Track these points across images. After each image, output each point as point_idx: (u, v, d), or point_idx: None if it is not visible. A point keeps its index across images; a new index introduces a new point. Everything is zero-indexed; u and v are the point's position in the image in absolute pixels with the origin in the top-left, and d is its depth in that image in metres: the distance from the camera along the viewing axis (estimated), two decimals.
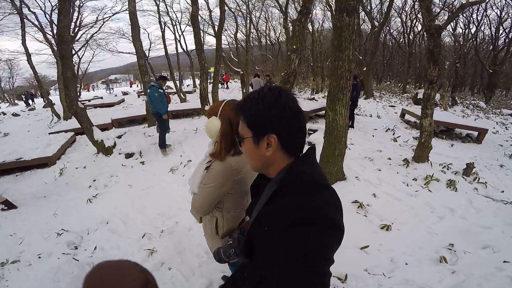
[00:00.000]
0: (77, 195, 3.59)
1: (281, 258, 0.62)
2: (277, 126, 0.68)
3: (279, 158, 0.72)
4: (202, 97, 7.33)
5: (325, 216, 0.63)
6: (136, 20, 5.42)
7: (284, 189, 0.69)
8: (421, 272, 2.32)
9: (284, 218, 0.64)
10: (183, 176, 3.87)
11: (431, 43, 3.92)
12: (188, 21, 15.62)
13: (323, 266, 0.60)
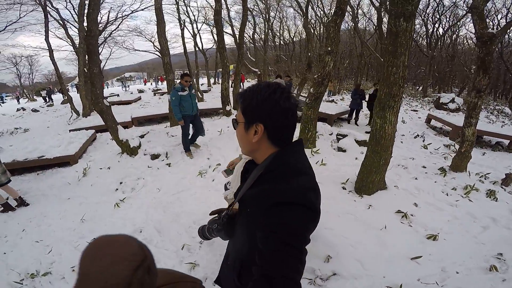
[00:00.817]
0: (103, 198, 3.49)
1: (261, 237, 0.69)
2: (265, 118, 0.75)
3: (265, 146, 0.79)
4: (224, 97, 7.21)
5: (302, 198, 0.69)
6: (162, 16, 5.30)
7: (268, 174, 0.77)
8: (472, 281, 2.27)
9: (265, 200, 0.71)
10: (212, 181, 3.73)
11: (483, 51, 3.70)
12: (205, 20, 15.82)
13: (300, 243, 0.66)
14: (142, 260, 0.21)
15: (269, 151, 0.79)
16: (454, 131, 7.24)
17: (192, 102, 4.36)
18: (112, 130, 4.74)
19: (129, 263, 0.20)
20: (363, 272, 2.22)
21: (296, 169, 0.76)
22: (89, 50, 4.37)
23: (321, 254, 2.32)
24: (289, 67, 18.99)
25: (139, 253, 0.21)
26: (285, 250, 0.63)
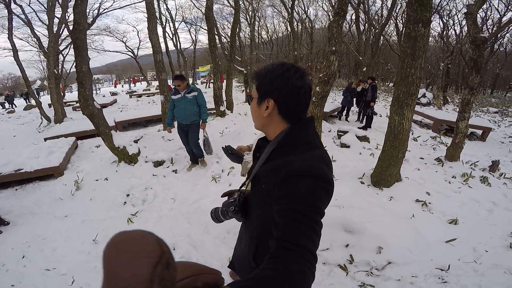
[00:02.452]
0: (111, 214, 3.14)
1: (276, 210, 0.71)
2: (276, 95, 0.78)
3: (276, 121, 0.82)
4: (217, 97, 6.99)
5: (313, 169, 0.71)
6: (153, 12, 4.93)
7: (281, 149, 0.80)
8: (501, 257, 2.47)
9: (278, 174, 0.74)
10: (229, 185, 3.56)
11: (476, 53, 4.04)
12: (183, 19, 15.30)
13: (314, 213, 0.67)
14: (160, 256, 0.20)
15: (280, 127, 0.82)
16: (436, 124, 7.79)
17: (184, 108, 3.73)
18: (105, 136, 4.33)
19: (148, 260, 0.20)
20: (412, 258, 2.32)
21: (308, 143, 0.79)
22: (77, 45, 3.90)
23: (371, 247, 2.38)
24: None
25: (157, 249, 0.21)
26: (300, 221, 0.64)
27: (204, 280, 0.27)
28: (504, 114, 13.95)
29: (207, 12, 5.92)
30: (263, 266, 0.59)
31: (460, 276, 2.16)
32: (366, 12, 12.78)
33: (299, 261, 0.59)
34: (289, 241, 0.63)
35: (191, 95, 3.74)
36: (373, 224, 2.54)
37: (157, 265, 0.20)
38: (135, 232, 0.22)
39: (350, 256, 2.27)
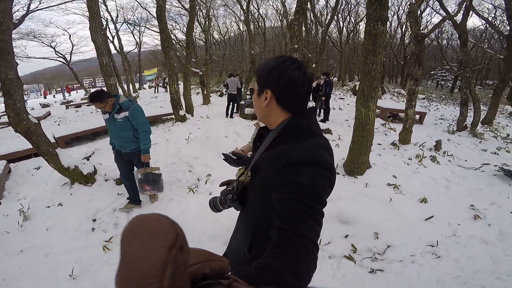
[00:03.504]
0: (79, 243, 2.63)
1: (276, 199, 0.70)
2: (272, 85, 0.80)
3: (276, 111, 0.83)
4: (175, 101, 6.54)
5: (315, 157, 0.71)
6: (97, 10, 4.31)
7: (282, 137, 0.80)
8: (473, 228, 2.79)
9: (279, 161, 0.73)
10: (210, 194, 3.32)
11: (418, 48, 4.53)
12: (125, 20, 13.98)
13: (316, 203, 0.66)
14: (175, 239, 0.21)
15: (281, 117, 0.83)
16: (383, 112, 8.60)
17: (115, 133, 2.80)
18: (50, 156, 3.63)
19: (162, 243, 0.20)
20: (406, 238, 2.48)
21: (309, 132, 0.79)
22: None
23: (368, 234, 2.49)
24: (223, 67, 18.97)
25: (172, 232, 0.21)
26: (303, 210, 0.64)
27: (212, 267, 0.27)
28: (430, 100, 16.22)
29: (159, 12, 5.47)
30: (266, 255, 0.59)
31: (448, 249, 2.38)
32: (313, 11, 13.52)
33: (301, 251, 0.59)
34: (292, 230, 0.62)
35: (121, 116, 2.70)
36: (365, 212, 2.64)
37: (172, 247, 0.20)
38: (151, 216, 0.22)
39: (352, 245, 2.32)
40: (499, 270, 2.17)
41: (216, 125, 6.45)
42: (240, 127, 5.31)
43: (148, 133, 2.81)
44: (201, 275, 0.26)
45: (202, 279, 0.26)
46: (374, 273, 2.07)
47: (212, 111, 9.58)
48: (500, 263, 2.23)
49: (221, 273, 0.29)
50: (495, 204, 3.36)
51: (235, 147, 4.65)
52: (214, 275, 0.28)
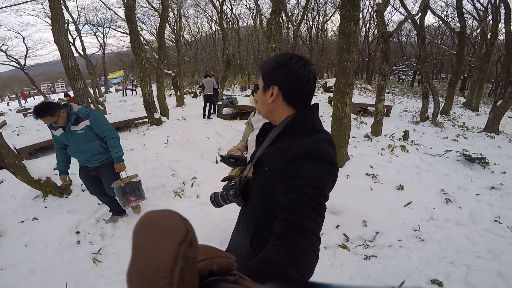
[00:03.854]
0: (66, 257, 2.41)
1: (280, 192, 0.71)
2: (280, 81, 0.81)
3: (281, 107, 0.84)
4: (149, 104, 6.30)
5: (318, 151, 0.72)
6: (60, 10, 3.97)
7: (286, 132, 0.82)
8: (446, 211, 3.04)
9: (284, 156, 0.74)
10: (197, 197, 3.27)
11: (384, 46, 4.84)
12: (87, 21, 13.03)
13: (319, 196, 0.67)
14: (185, 235, 0.22)
15: (286, 112, 0.84)
16: (354, 107, 9.06)
17: (77, 148, 2.38)
18: (16, 168, 3.33)
19: (173, 238, 0.21)
20: (391, 224, 2.65)
21: (314, 127, 0.82)
22: None
23: (357, 222, 2.62)
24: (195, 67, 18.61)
25: (182, 228, 0.22)
26: (306, 203, 0.65)
27: (219, 263, 0.28)
28: (393, 94, 17.32)
29: (128, 12, 5.22)
30: (269, 248, 0.59)
31: (429, 232, 2.60)
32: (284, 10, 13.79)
33: (304, 244, 0.59)
34: (295, 222, 0.63)
35: (81, 126, 2.30)
36: (351, 202, 2.78)
37: (182, 243, 0.21)
38: (162, 212, 0.23)
39: (344, 235, 2.44)
40: (477, 249, 2.42)
41: (194, 126, 6.34)
42: (221, 128, 5.27)
43: (118, 138, 2.52)
44: (208, 271, 0.27)
45: (209, 275, 0.27)
46: (369, 259, 2.20)
47: (187, 112, 9.38)
48: (477, 243, 2.49)
49: (227, 269, 0.29)
50: (461, 187, 3.69)
51: (218, 147, 4.63)
52: (221, 272, 0.28)
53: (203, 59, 25.45)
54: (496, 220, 2.90)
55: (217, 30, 24.98)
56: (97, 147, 2.43)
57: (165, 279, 0.19)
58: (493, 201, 3.35)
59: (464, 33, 9.33)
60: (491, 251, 2.39)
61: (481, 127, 8.39)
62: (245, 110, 8.77)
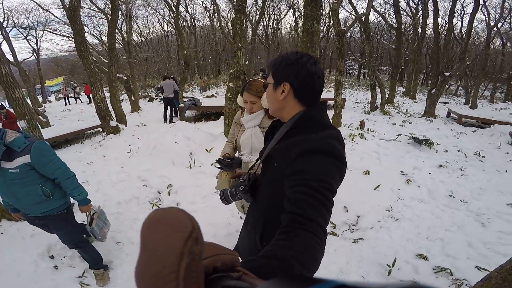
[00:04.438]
0: (46, 285, 2.08)
1: (288, 186, 0.72)
2: (291, 79, 0.83)
3: (291, 104, 0.86)
4: (102, 111, 5.76)
5: (326, 146, 0.74)
6: None
7: (296, 129, 0.84)
8: (409, 191, 3.39)
9: (292, 151, 0.76)
10: (177, 204, 3.10)
11: (340, 43, 5.19)
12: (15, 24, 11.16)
13: (327, 190, 0.68)
14: (191, 232, 0.23)
15: (295, 110, 0.86)
16: None
17: (8, 190, 1.73)
18: None
19: (180, 234, 0.22)
20: (368, 208, 2.87)
21: (322, 123, 0.84)
22: None
23: (339, 209, 2.80)
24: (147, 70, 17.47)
25: (188, 224, 0.23)
26: (313, 196, 0.65)
27: (223, 260, 0.29)
28: (344, 87, 18.66)
29: (72, 13, 4.64)
30: (274, 242, 0.59)
31: (400, 212, 2.88)
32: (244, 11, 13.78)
33: (310, 237, 0.59)
34: (301, 215, 0.63)
35: (15, 164, 1.64)
36: None
37: (188, 239, 0.21)
38: (168, 209, 0.24)
39: (331, 222, 2.56)
40: (443, 223, 2.76)
41: (158, 132, 5.97)
42: (189, 131, 5.06)
43: (74, 177, 1.87)
44: (212, 268, 0.27)
45: (214, 272, 0.27)
46: (357, 242, 2.37)
47: (146, 118, 8.82)
48: (441, 218, 2.85)
49: (231, 266, 0.30)
50: (416, 168, 4.17)
51: (189, 151, 4.45)
52: (225, 268, 0.29)
53: (155, 61, 24.15)
54: (450, 195, 3.35)
55: (170, 30, 24.03)
56: (37, 193, 1.73)
57: (172, 274, 0.20)
58: (443, 178, 3.85)
59: (400, 28, 10.49)
60: (454, 223, 2.75)
61: (420, 112, 9.56)
62: (209, 111, 8.59)
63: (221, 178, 1.74)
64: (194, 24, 21.75)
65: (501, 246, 2.35)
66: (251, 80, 1.59)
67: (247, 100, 1.57)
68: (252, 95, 1.55)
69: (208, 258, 0.28)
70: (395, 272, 2.07)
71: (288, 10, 17.98)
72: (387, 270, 2.10)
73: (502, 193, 3.39)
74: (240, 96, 1.62)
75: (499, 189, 3.49)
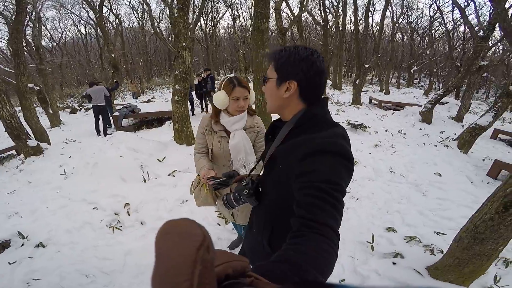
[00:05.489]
0: None
1: (297, 188, 0.69)
2: (300, 77, 0.79)
3: (294, 102, 0.82)
4: (15, 129, 4.73)
5: (334, 146, 0.71)
6: None
7: (299, 128, 0.81)
8: (358, 172, 3.83)
9: (298, 151, 0.73)
10: (141, 224, 2.78)
11: (282, 40, 5.42)
12: None
13: (337, 191, 0.65)
14: (202, 240, 0.23)
15: (297, 108, 0.83)
16: None
17: None
18: None
19: (192, 243, 0.23)
20: None
21: (326, 121, 0.81)
22: None
23: None
24: (63, 78, 14.88)
25: (200, 234, 0.24)
26: (324, 199, 0.63)
27: (234, 267, 0.29)
28: None
29: None
30: (286, 246, 0.57)
31: (357, 191, 3.25)
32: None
33: (322, 241, 0.58)
34: (312, 219, 0.61)
35: None
36: None
37: (200, 248, 0.22)
38: (181, 220, 0.25)
39: None
40: (394, 197, 3.17)
41: (94, 147, 5.23)
42: (134, 142, 4.54)
43: None
44: (224, 276, 0.28)
45: (226, 279, 0.28)
46: None
47: (72, 132, 7.61)
48: (390, 192, 3.28)
49: (242, 272, 0.30)
50: (358, 149, 4.72)
51: (139, 164, 4.03)
52: (237, 275, 0.29)
53: (72, 67, 20.89)
54: (391, 171, 3.89)
55: (89, 33, 21.21)
56: None
57: (186, 282, 0.20)
58: (381, 156, 4.45)
59: (326, 26, 11.57)
60: (403, 196, 3.20)
61: (349, 102, 10.80)
62: (149, 118, 7.94)
63: (200, 193, 1.62)
64: (121, 25, 19.73)
65: (443, 211, 2.85)
66: (235, 76, 1.50)
67: (240, 95, 1.44)
68: (246, 89, 1.46)
69: (220, 265, 0.28)
70: (376, 247, 2.30)
71: (226, 10, 17.92)
72: (369, 247, 2.31)
73: (427, 164, 4.12)
74: (223, 93, 1.43)
75: (424, 161, 4.23)
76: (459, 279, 1.82)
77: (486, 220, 1.61)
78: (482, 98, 22.21)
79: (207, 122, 1.60)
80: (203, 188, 1.60)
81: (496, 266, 2.09)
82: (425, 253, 2.22)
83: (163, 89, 18.06)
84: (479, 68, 7.15)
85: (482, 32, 7.03)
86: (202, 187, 1.61)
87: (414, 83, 23.75)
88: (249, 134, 1.58)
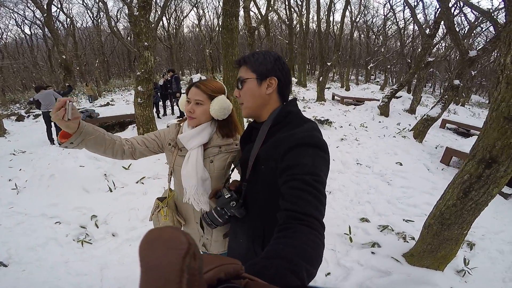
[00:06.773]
0: None
1: (281, 183, 0.71)
2: (278, 74, 0.86)
3: (273, 100, 0.88)
4: None
5: (311, 139, 0.75)
6: None
7: (277, 126, 0.85)
8: None
9: (279, 148, 0.76)
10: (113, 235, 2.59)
11: (251, 39, 5.42)
12: None
13: (318, 182, 0.67)
14: (188, 248, 0.22)
15: (275, 105, 0.88)
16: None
17: None
18: None
19: (177, 252, 0.22)
20: None
21: (301, 117, 0.86)
22: None
23: None
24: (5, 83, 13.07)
25: (185, 241, 0.23)
26: (307, 190, 0.65)
27: (226, 271, 0.28)
28: None
29: None
30: (274, 241, 0.58)
31: (329, 184, 3.37)
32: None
33: (310, 232, 0.59)
34: (297, 211, 0.62)
35: None
36: None
37: (186, 256, 0.22)
38: (165, 228, 0.24)
39: None
40: (363, 188, 3.35)
41: (49, 157, 4.76)
42: None
43: None
44: (216, 280, 0.27)
45: (218, 283, 0.27)
46: None
47: (20, 142, 6.82)
48: (359, 183, 3.47)
49: (235, 275, 0.29)
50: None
51: (102, 173, 3.75)
52: (229, 278, 0.28)
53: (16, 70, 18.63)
54: (358, 163, 4.12)
55: (36, 33, 19.10)
56: None
57: None
58: (347, 149, 4.70)
59: (292, 25, 11.86)
60: (371, 186, 3.40)
61: (314, 98, 11.23)
62: (108, 123, 7.42)
63: (158, 219, 1.28)
64: (73, 25, 18.15)
65: (408, 199, 3.10)
66: (207, 79, 1.16)
67: (191, 98, 1.09)
68: (201, 92, 1.07)
69: (211, 270, 0.27)
70: (354, 238, 2.41)
71: (191, 9, 17.41)
72: (347, 239, 2.42)
73: (389, 154, 4.45)
74: (184, 96, 1.15)
75: (386, 151, 4.56)
76: (434, 264, 1.94)
77: (450, 206, 1.74)
78: (429, 92, 24.67)
79: (174, 133, 1.20)
80: (160, 212, 1.28)
81: (462, 249, 2.25)
82: (398, 241, 2.36)
83: (123, 91, 17.01)
84: (427, 64, 7.90)
85: (429, 30, 7.77)
86: (159, 213, 1.29)
87: (371, 79, 25.52)
88: (219, 155, 1.15)
